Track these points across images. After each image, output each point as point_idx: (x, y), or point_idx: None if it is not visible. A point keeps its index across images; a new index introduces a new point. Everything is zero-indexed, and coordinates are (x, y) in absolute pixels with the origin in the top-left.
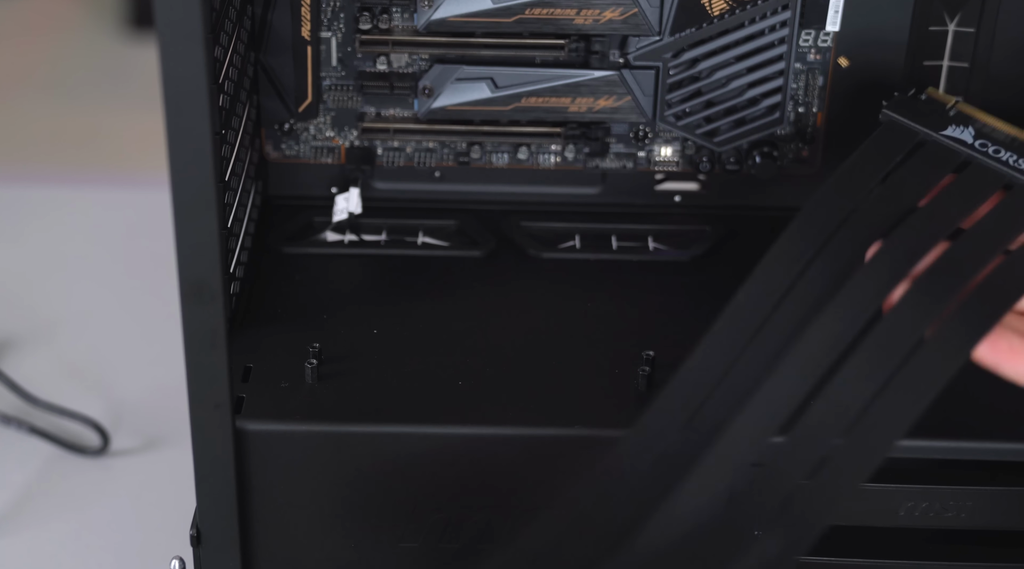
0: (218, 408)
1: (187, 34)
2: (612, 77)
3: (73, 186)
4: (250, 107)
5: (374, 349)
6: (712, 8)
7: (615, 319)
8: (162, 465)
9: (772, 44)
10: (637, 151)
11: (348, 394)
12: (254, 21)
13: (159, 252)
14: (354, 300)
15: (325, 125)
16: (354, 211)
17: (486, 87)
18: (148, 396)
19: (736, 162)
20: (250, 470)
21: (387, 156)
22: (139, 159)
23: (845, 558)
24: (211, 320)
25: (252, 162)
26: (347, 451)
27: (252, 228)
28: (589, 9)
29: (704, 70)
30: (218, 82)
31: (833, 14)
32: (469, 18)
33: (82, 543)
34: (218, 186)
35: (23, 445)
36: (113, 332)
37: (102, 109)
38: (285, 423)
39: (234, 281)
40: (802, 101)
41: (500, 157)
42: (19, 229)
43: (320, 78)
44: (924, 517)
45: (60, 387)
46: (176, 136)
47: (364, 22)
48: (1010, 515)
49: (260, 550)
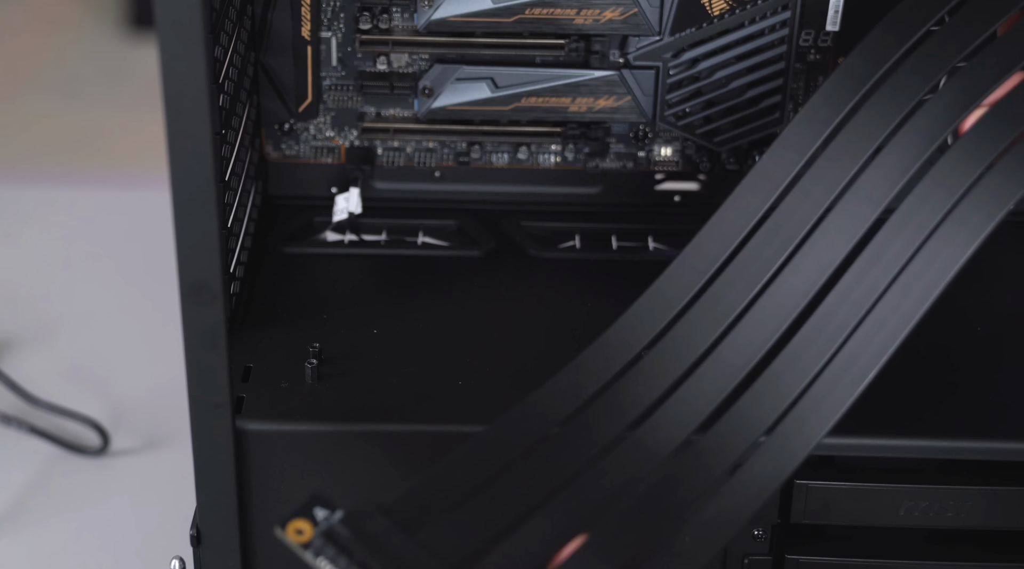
0: (218, 408)
1: (187, 34)
2: (612, 77)
3: (73, 186)
4: (250, 107)
5: (374, 349)
6: (712, 8)
7: (615, 319)
8: (162, 465)
9: (772, 44)
10: (637, 151)
11: (348, 394)
12: (254, 21)
13: (159, 252)
14: (354, 300)
15: (325, 125)
16: (354, 211)
17: (486, 87)
18: (148, 396)
19: (736, 162)
20: (250, 470)
21: (387, 156)
22: (139, 159)
23: (845, 558)
24: (211, 320)
25: (252, 162)
26: (347, 451)
27: (252, 228)
28: (589, 9)
29: (704, 70)
30: (218, 82)
31: (833, 14)
32: (469, 18)
33: (82, 543)
34: (218, 186)
35: (23, 445)
36: (113, 332)
37: (102, 109)
38: (285, 423)
39: (234, 281)
40: (802, 101)
41: (500, 157)
42: (19, 229)
43: (320, 78)
44: (924, 517)
45: (60, 387)
46: (176, 136)
47: (364, 22)
48: (1010, 515)
49: (260, 550)
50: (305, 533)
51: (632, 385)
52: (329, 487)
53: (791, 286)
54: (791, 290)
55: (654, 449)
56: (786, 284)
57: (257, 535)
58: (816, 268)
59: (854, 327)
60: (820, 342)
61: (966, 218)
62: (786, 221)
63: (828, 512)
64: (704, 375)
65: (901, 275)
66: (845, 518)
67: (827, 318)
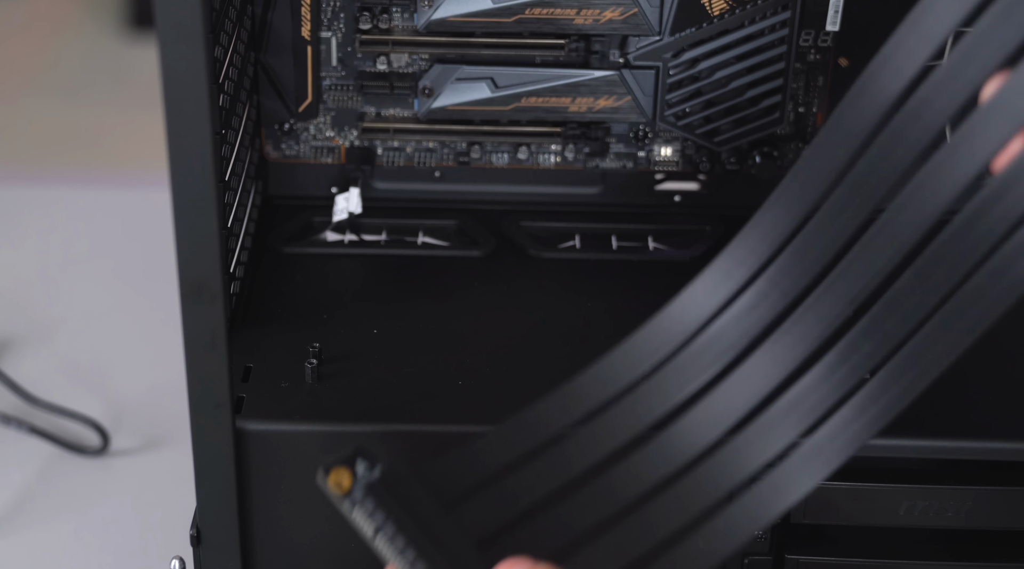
0: (218, 408)
1: (187, 34)
2: (612, 77)
3: (73, 186)
4: (250, 107)
5: (374, 349)
6: (712, 8)
7: (615, 319)
8: (162, 465)
9: (772, 44)
10: (637, 151)
11: (348, 394)
12: (254, 21)
13: (159, 252)
14: (354, 300)
15: (325, 125)
16: (354, 211)
17: (486, 87)
18: (148, 396)
19: (736, 162)
20: (250, 470)
21: (387, 156)
22: (139, 159)
23: (845, 558)
24: (211, 320)
25: (252, 162)
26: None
27: (252, 228)
28: (589, 9)
29: (704, 70)
30: (218, 82)
31: (833, 14)
32: (469, 18)
33: (82, 543)
34: (218, 186)
35: (23, 445)
36: (113, 332)
37: (102, 109)
38: (285, 423)
39: (234, 281)
40: (802, 101)
41: (500, 157)
42: (19, 229)
43: (320, 78)
44: (924, 517)
45: (60, 387)
46: (176, 136)
47: (364, 22)
48: (1010, 515)
49: (260, 550)
50: (344, 484)
51: (677, 374)
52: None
53: (850, 280)
54: (845, 290)
55: (691, 442)
56: (846, 276)
57: (257, 535)
58: (891, 249)
59: (911, 331)
60: (872, 342)
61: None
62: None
63: (828, 512)
64: (753, 367)
65: (970, 279)
66: (845, 518)
67: (884, 317)
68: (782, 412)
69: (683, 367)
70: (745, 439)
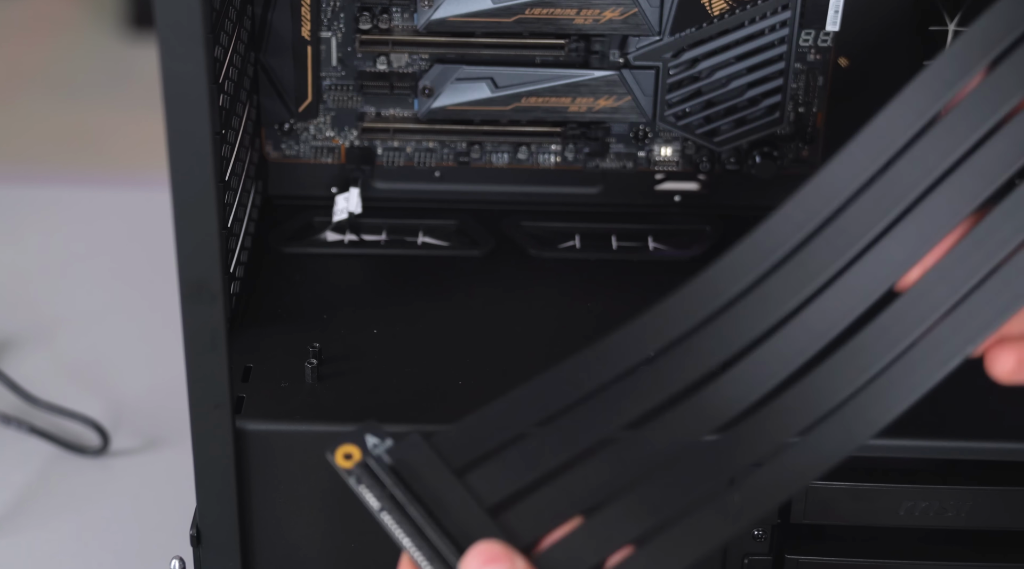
0: (218, 408)
1: (187, 34)
2: (612, 77)
3: (73, 186)
4: (250, 107)
5: (374, 349)
6: (712, 8)
7: (615, 319)
8: (162, 465)
9: (772, 44)
10: (637, 151)
11: (348, 394)
12: (254, 21)
13: (159, 252)
14: (354, 300)
15: (325, 125)
16: (354, 211)
17: (486, 87)
18: (148, 396)
19: (736, 162)
20: (250, 470)
21: (387, 156)
22: (139, 159)
23: (845, 558)
24: (211, 320)
25: (252, 162)
26: None
27: (252, 228)
28: (589, 9)
29: (704, 70)
30: (218, 82)
31: (833, 14)
32: (469, 18)
33: (82, 543)
34: (218, 186)
35: (23, 445)
36: (113, 332)
37: (102, 109)
38: (285, 423)
39: (234, 281)
40: (802, 101)
41: (500, 157)
42: (19, 229)
43: (320, 78)
44: (924, 517)
45: (60, 387)
46: (176, 136)
47: (364, 22)
48: (1010, 515)
49: (260, 550)
50: (353, 458)
51: (707, 340)
52: (330, 486)
53: (890, 255)
54: (889, 259)
55: (720, 408)
56: (886, 251)
57: (257, 535)
58: (919, 240)
59: (948, 309)
60: (910, 319)
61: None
62: (894, 186)
63: (828, 512)
64: (788, 336)
65: (1007, 262)
66: (845, 518)
67: (922, 295)
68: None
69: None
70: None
